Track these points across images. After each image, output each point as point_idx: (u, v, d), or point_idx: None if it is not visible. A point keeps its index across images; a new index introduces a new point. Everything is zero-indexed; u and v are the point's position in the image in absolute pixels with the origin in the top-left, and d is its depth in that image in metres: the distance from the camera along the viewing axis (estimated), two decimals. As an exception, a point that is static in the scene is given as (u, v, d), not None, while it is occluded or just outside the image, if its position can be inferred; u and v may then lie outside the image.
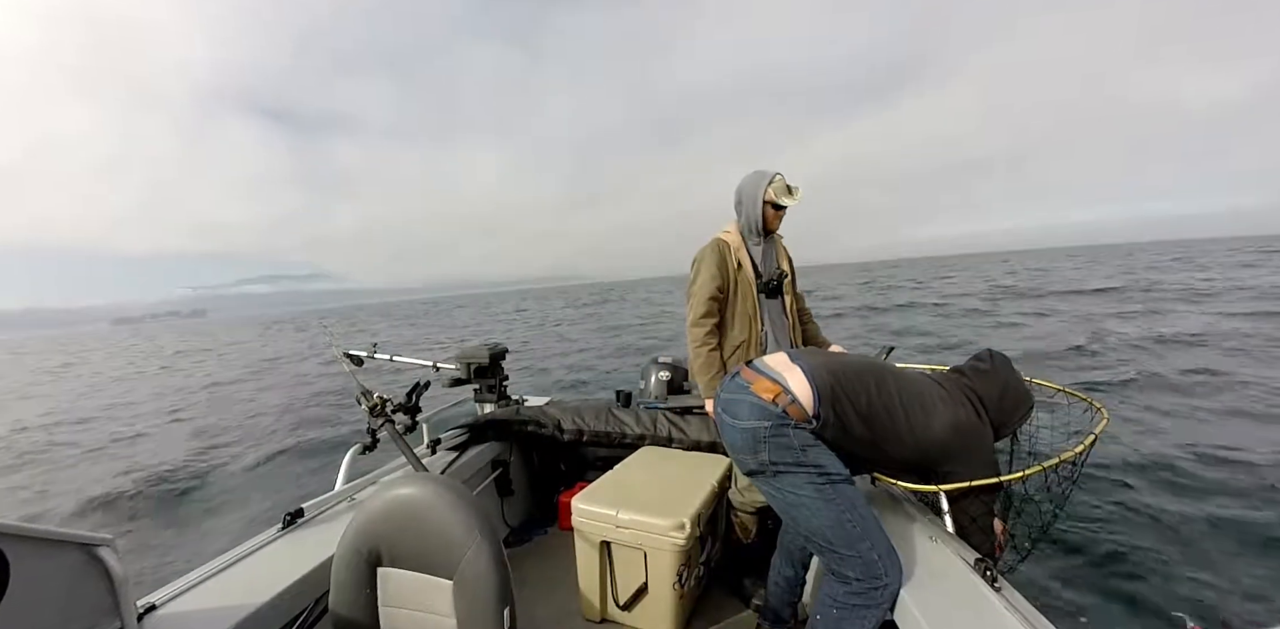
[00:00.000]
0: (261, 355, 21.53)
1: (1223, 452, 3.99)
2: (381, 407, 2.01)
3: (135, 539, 4.61)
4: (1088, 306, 14.21)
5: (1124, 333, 9.70)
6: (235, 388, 12.97)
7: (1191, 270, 25.46)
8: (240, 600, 1.22)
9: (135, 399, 12.68)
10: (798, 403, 1.25)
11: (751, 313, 2.03)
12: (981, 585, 1.17)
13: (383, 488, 1.16)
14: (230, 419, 9.09)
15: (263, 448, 6.93)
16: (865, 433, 1.28)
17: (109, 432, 8.97)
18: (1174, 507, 3.14)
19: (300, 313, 75.64)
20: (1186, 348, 8.26)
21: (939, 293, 22.87)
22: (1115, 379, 6.50)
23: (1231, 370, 6.55)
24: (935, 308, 16.90)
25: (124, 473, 6.32)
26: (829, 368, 1.31)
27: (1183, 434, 4.54)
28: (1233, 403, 5.37)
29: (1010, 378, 1.41)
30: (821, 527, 1.24)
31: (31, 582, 0.89)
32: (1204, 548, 2.72)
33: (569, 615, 1.92)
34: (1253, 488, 3.35)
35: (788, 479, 1.26)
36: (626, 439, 2.35)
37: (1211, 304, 13.06)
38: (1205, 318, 10.96)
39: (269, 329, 53.59)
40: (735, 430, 1.32)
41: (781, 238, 2.21)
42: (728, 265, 2.02)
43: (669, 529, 1.66)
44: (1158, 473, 3.71)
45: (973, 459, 1.31)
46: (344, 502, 1.77)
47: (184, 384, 14.55)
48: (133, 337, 78.26)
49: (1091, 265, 37.44)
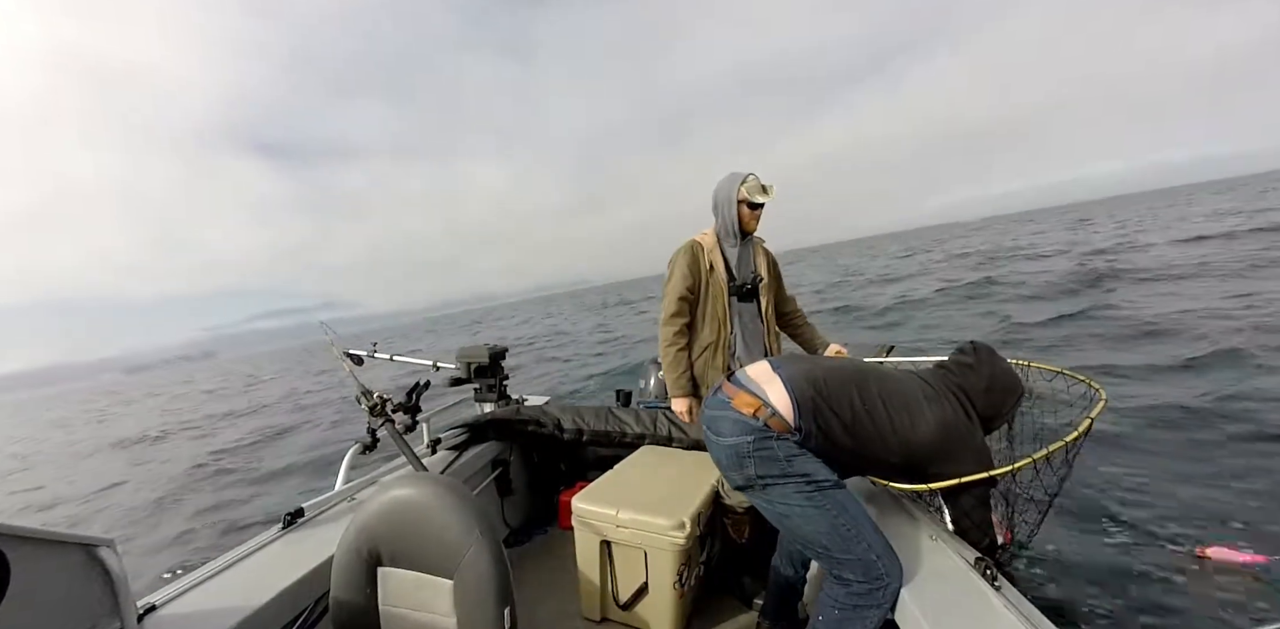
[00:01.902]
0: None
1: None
2: (381, 406, 2.01)
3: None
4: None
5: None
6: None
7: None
8: (240, 600, 1.22)
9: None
10: (778, 415, 1.25)
11: (721, 315, 2.07)
12: (982, 584, 1.17)
13: (383, 488, 1.16)
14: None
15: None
16: (849, 442, 1.28)
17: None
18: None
19: (310, 343, 74.13)
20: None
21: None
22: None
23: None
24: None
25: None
26: (810, 377, 1.30)
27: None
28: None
29: (995, 369, 1.39)
30: (816, 533, 1.24)
31: (32, 582, 0.89)
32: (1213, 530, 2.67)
33: (569, 615, 1.92)
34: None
35: (777, 490, 1.26)
36: (626, 439, 2.35)
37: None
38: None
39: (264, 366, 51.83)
40: (720, 447, 1.32)
41: (762, 241, 2.23)
42: (699, 266, 2.06)
43: (669, 529, 1.66)
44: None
45: (962, 457, 1.30)
46: (344, 501, 1.77)
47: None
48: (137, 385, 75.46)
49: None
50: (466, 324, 63.10)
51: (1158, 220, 25.48)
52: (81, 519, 6.64)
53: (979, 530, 1.38)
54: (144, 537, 5.43)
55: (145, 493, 7.23)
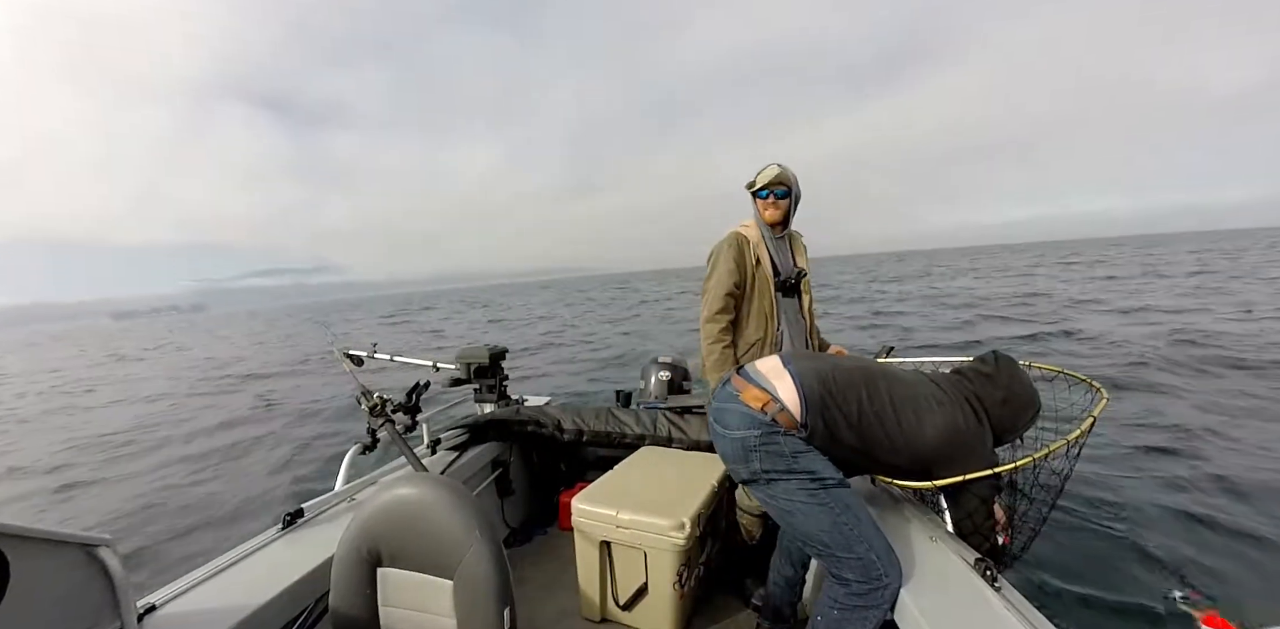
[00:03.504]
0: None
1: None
2: (381, 406, 2.01)
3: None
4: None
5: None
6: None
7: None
8: (240, 601, 1.22)
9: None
10: (786, 411, 1.25)
11: (769, 311, 1.97)
12: (981, 585, 1.17)
13: (383, 488, 1.16)
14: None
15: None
16: (855, 441, 1.28)
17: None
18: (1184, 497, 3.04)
19: (310, 305, 69.95)
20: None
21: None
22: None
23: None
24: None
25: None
26: (819, 374, 1.30)
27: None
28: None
29: (1015, 382, 1.37)
30: (817, 531, 1.24)
31: (31, 582, 0.89)
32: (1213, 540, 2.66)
33: (569, 615, 1.92)
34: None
35: (781, 486, 1.27)
36: (626, 439, 2.35)
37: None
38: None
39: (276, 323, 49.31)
40: (726, 440, 1.32)
41: (800, 236, 2.16)
42: (746, 260, 1.96)
43: (669, 529, 1.66)
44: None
45: (968, 462, 1.29)
46: (344, 502, 1.77)
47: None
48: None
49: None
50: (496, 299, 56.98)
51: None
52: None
53: (980, 532, 1.38)
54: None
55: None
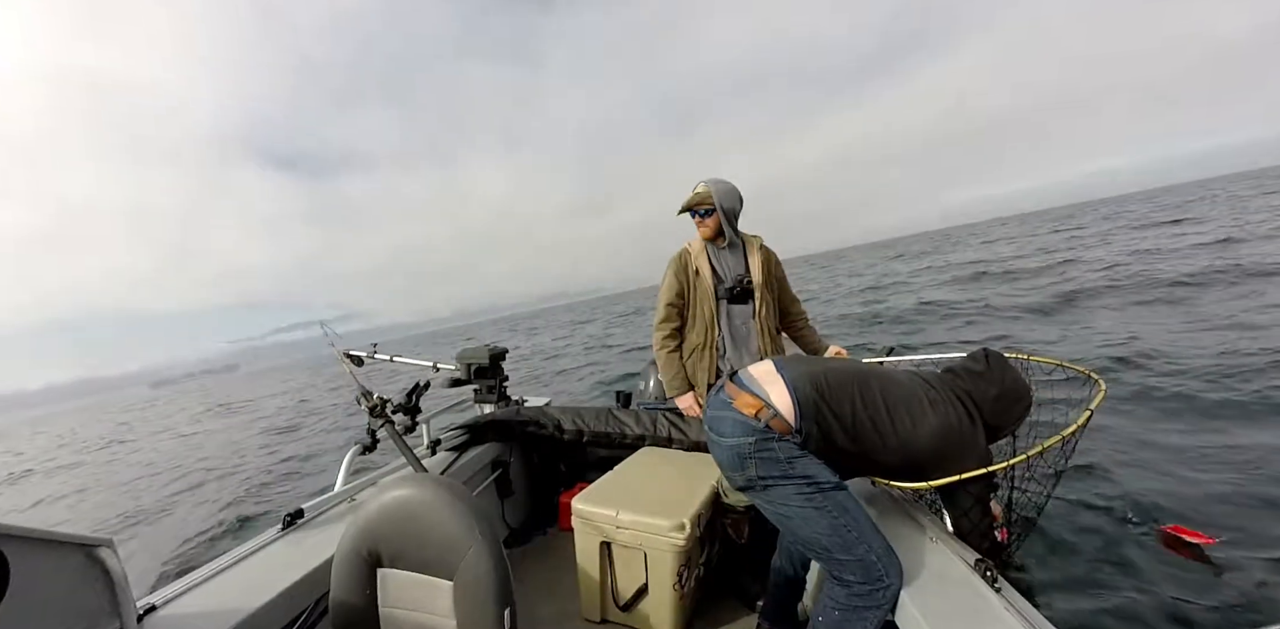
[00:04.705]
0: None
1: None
2: (381, 407, 2.01)
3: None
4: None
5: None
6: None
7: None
8: (240, 601, 1.22)
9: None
10: (780, 417, 1.25)
11: (709, 318, 2.15)
12: (982, 586, 1.17)
13: (382, 488, 1.16)
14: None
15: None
16: (850, 444, 1.28)
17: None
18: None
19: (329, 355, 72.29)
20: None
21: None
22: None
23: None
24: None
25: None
26: (813, 378, 1.30)
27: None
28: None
29: (1006, 377, 1.38)
30: (817, 535, 1.24)
31: (31, 582, 0.89)
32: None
33: (569, 616, 1.92)
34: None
35: (778, 491, 1.27)
36: (626, 440, 2.35)
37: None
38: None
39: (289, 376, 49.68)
40: (721, 448, 1.32)
41: (757, 239, 2.24)
42: (687, 273, 2.17)
43: (669, 530, 1.66)
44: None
45: (963, 461, 1.29)
46: (344, 502, 1.78)
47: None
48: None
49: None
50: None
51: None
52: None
53: (978, 531, 1.38)
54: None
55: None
